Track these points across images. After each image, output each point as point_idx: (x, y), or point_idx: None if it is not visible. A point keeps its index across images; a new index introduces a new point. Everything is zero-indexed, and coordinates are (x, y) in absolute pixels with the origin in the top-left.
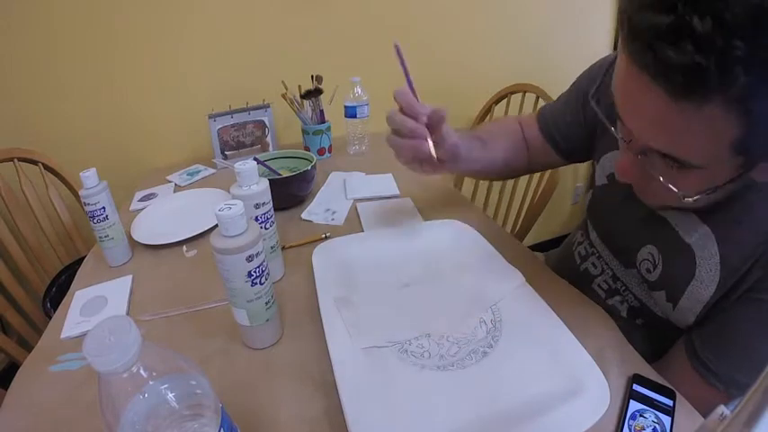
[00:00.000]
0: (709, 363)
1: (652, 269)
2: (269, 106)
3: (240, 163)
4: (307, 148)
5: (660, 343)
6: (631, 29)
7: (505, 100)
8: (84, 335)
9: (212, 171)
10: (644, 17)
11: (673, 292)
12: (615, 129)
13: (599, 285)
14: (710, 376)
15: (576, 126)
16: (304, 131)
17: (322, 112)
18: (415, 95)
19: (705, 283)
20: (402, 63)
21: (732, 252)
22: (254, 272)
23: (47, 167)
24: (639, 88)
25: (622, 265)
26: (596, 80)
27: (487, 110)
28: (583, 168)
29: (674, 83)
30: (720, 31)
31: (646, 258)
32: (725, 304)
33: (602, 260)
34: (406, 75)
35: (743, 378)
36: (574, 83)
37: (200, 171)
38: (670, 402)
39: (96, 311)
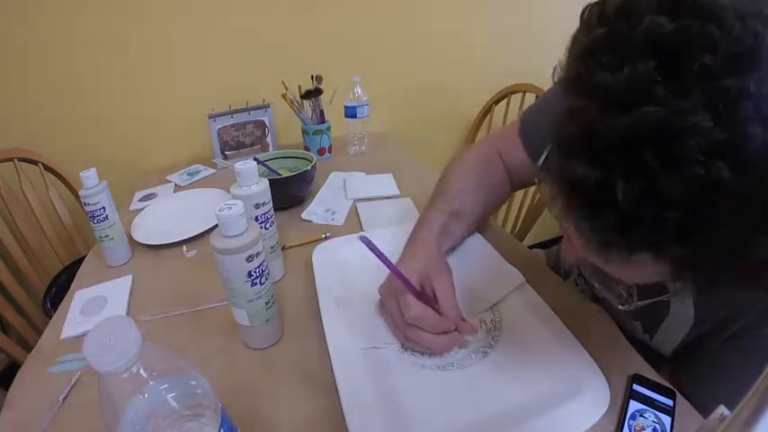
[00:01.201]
0: (697, 401)
1: (629, 299)
2: (269, 106)
3: (240, 163)
4: (307, 148)
5: None
6: (557, 171)
7: (505, 100)
8: (84, 335)
9: (212, 171)
10: (569, 163)
11: (648, 325)
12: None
13: None
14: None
15: None
16: (304, 131)
17: (322, 112)
18: (405, 280)
19: (679, 323)
20: (378, 255)
21: (706, 300)
22: (254, 272)
23: (47, 167)
24: (565, 217)
25: (602, 289)
26: None
27: (487, 110)
28: None
29: (594, 242)
30: (650, 201)
31: (623, 290)
32: (710, 345)
33: (582, 278)
34: (390, 266)
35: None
36: (557, 86)
37: (200, 171)
38: (670, 402)
39: (96, 311)
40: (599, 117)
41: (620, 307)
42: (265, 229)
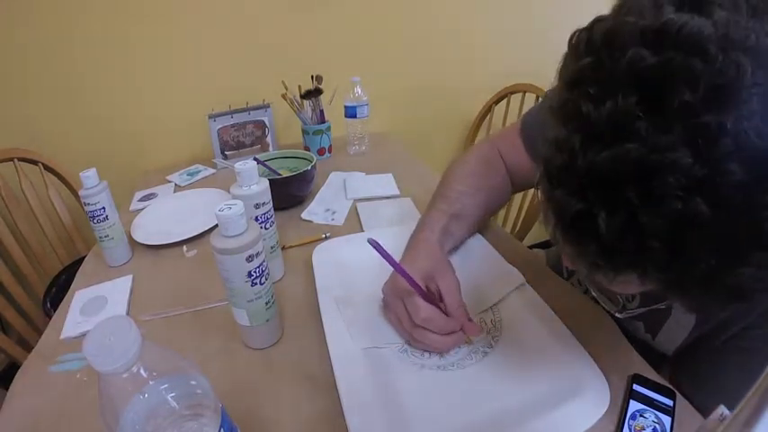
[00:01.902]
0: (697, 403)
1: (631, 299)
2: (269, 106)
3: (240, 163)
4: (307, 148)
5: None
6: (545, 195)
7: (505, 100)
8: (84, 335)
9: (212, 171)
10: (555, 192)
11: (650, 325)
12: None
13: None
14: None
15: None
16: (304, 131)
17: (322, 112)
18: (413, 281)
19: (680, 324)
20: (386, 257)
21: None
22: (254, 272)
23: (47, 167)
24: (554, 235)
25: (600, 296)
26: None
27: (487, 110)
28: None
29: (580, 263)
30: (631, 232)
31: (620, 297)
32: (711, 345)
33: (579, 282)
34: (397, 267)
35: None
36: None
37: (200, 171)
38: (670, 402)
39: (96, 311)
40: (581, 150)
41: (617, 315)
42: (265, 229)
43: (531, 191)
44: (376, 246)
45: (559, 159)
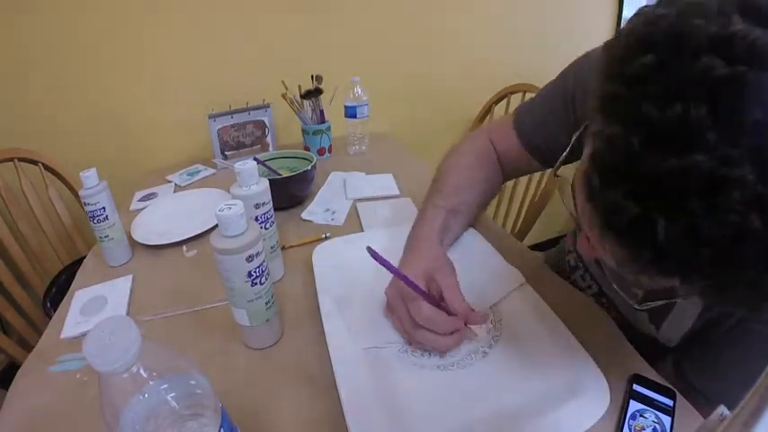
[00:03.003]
0: (700, 387)
1: (645, 299)
2: (269, 106)
3: (240, 163)
4: (307, 148)
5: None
6: (592, 193)
7: (505, 100)
8: (84, 335)
9: (212, 171)
10: (608, 191)
11: (655, 315)
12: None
13: None
14: (699, 398)
15: (564, 133)
16: (304, 131)
17: (322, 112)
18: (417, 287)
19: (687, 313)
20: (384, 263)
21: None
22: (254, 272)
23: (47, 167)
24: (594, 232)
25: (619, 288)
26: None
27: (487, 110)
28: None
29: (626, 266)
30: (687, 240)
31: (638, 290)
32: (715, 331)
33: (588, 274)
34: (397, 273)
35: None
36: (557, 82)
37: (200, 171)
38: (670, 402)
39: (96, 311)
40: (642, 153)
41: (636, 306)
42: (265, 229)
43: (532, 190)
44: (373, 254)
45: (615, 158)
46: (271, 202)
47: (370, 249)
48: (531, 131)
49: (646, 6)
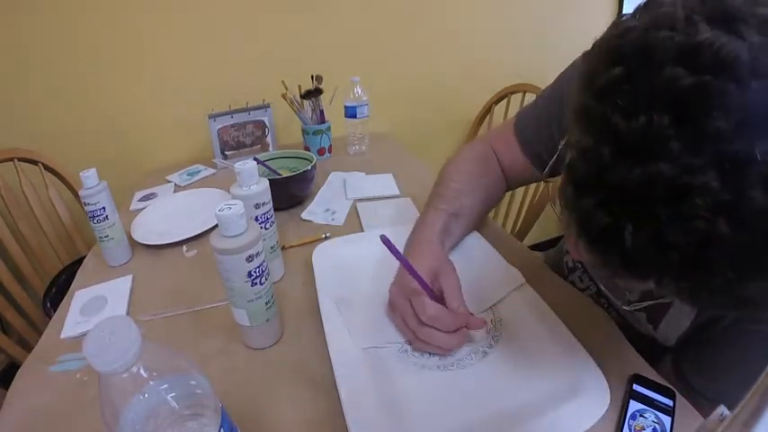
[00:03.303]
0: (699, 387)
1: (633, 300)
2: (269, 106)
3: (240, 163)
4: (307, 148)
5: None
6: (568, 201)
7: (505, 100)
8: (84, 335)
9: (212, 171)
10: (581, 200)
11: (653, 315)
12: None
13: None
14: (699, 398)
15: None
16: (304, 131)
17: (322, 112)
18: (423, 282)
19: (683, 313)
20: (397, 255)
21: None
22: (254, 272)
23: (47, 167)
24: (573, 237)
25: (607, 290)
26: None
27: (487, 110)
28: None
29: (600, 269)
30: (654, 246)
31: (628, 291)
32: (713, 330)
33: (587, 275)
34: (407, 266)
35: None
36: (554, 86)
37: (200, 171)
38: (670, 402)
39: (96, 311)
40: (611, 163)
41: (624, 307)
42: (265, 229)
43: (532, 190)
44: (387, 242)
45: (587, 169)
46: (271, 202)
47: (384, 237)
48: (532, 139)
49: (621, 16)
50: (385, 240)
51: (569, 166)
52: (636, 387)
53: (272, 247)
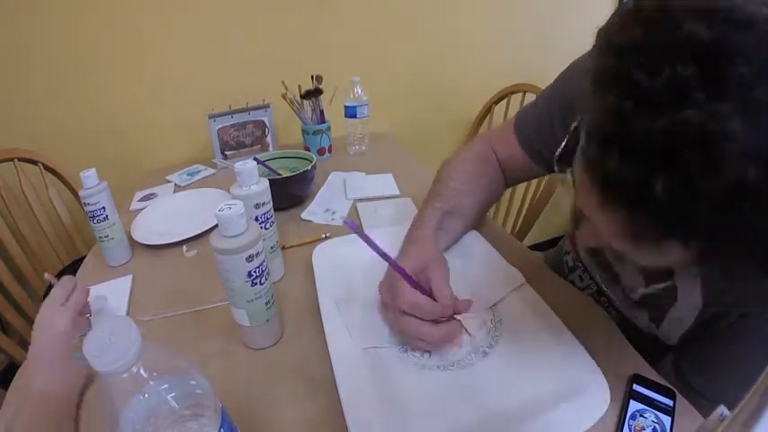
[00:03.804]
0: (699, 387)
1: (635, 288)
2: (269, 106)
3: (240, 163)
4: (307, 148)
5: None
6: (590, 164)
7: (505, 100)
8: (84, 335)
9: (212, 171)
10: (606, 158)
11: (655, 313)
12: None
13: None
14: (699, 398)
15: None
16: (304, 131)
17: (322, 112)
18: (399, 269)
19: (687, 310)
20: (373, 246)
21: (713, 287)
22: (254, 272)
23: (47, 167)
24: (596, 208)
25: (607, 281)
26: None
27: (487, 110)
28: None
29: (626, 230)
30: (685, 196)
31: (628, 280)
32: (716, 328)
33: (587, 274)
34: (383, 255)
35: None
36: (555, 85)
37: (200, 171)
38: (670, 402)
39: (96, 311)
40: (636, 116)
41: (634, 297)
42: (265, 229)
43: (532, 190)
44: (363, 236)
45: (611, 125)
46: (271, 202)
47: (359, 231)
48: (531, 136)
49: None
50: (362, 235)
51: (590, 132)
52: (636, 387)
53: (272, 247)
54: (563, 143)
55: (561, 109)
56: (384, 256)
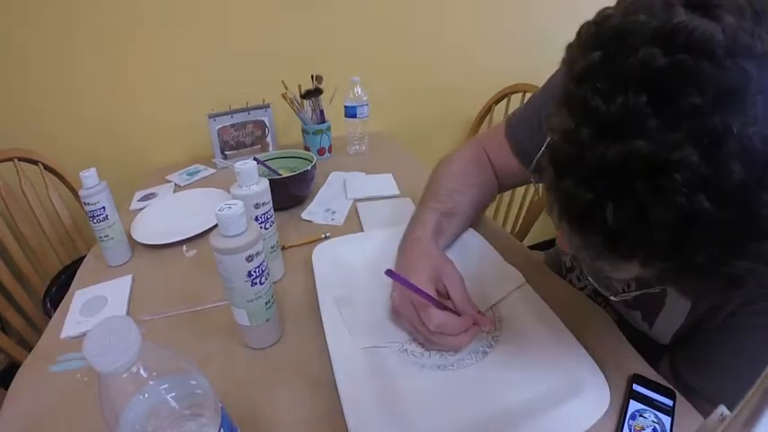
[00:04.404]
0: (695, 386)
1: (627, 289)
2: (269, 106)
3: (240, 163)
4: (307, 148)
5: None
6: (551, 185)
7: (505, 100)
8: (84, 335)
9: (212, 171)
10: (562, 182)
11: (647, 314)
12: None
13: None
14: (698, 397)
15: None
16: (304, 131)
17: (322, 112)
18: (427, 295)
19: (676, 311)
20: (404, 283)
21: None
22: (254, 272)
23: (47, 167)
24: (558, 223)
25: (596, 282)
26: None
27: (487, 110)
28: None
29: (585, 252)
30: (636, 223)
31: (616, 282)
32: (707, 327)
33: (584, 274)
34: (414, 288)
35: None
36: (544, 90)
37: (200, 171)
38: (670, 402)
39: (96, 311)
40: (590, 142)
41: (612, 298)
42: (265, 229)
43: (532, 191)
44: (394, 275)
45: (567, 150)
46: (271, 202)
47: (389, 272)
48: (524, 141)
49: (606, 7)
50: (391, 274)
51: (550, 149)
52: (636, 387)
53: (272, 247)
54: (538, 155)
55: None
56: (418, 290)
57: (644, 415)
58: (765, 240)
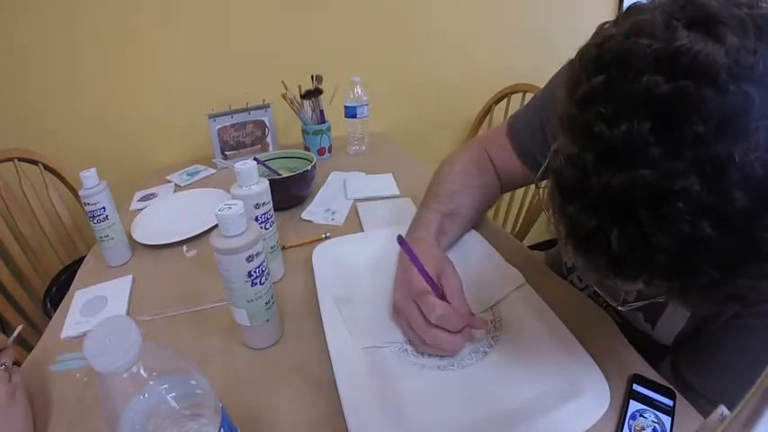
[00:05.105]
0: (697, 386)
1: (626, 301)
2: (269, 106)
3: (240, 163)
4: (307, 148)
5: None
6: (555, 208)
7: (505, 100)
8: (84, 335)
9: (212, 171)
10: (567, 206)
11: (649, 315)
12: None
13: None
14: (698, 397)
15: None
16: (304, 131)
17: (322, 112)
18: (432, 282)
19: (679, 313)
20: (412, 257)
21: None
22: (254, 272)
23: (47, 167)
24: (562, 240)
25: (601, 291)
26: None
27: (487, 110)
28: None
29: (589, 272)
30: (640, 248)
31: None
32: (710, 328)
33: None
34: (420, 268)
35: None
36: (546, 90)
37: (200, 171)
38: (670, 402)
39: (96, 311)
40: (594, 169)
41: (619, 308)
42: (265, 229)
43: (531, 191)
44: (403, 242)
45: (572, 176)
46: (271, 202)
47: (400, 237)
48: (526, 142)
49: (603, 24)
50: (401, 241)
51: (556, 173)
52: (636, 387)
53: (272, 247)
54: (543, 165)
55: (552, 115)
56: (422, 269)
57: (644, 415)
58: (767, 261)
